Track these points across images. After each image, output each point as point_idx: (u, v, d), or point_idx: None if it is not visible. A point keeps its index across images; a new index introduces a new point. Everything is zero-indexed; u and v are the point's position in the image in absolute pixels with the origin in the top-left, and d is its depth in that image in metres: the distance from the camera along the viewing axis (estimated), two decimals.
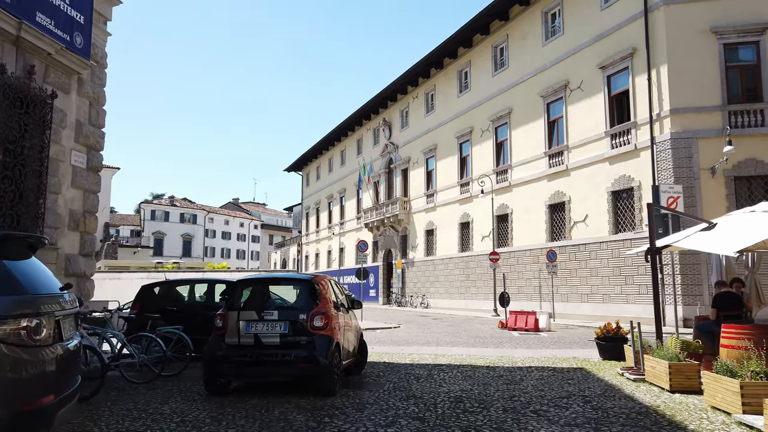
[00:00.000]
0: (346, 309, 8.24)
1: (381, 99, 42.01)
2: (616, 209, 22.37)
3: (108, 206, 56.04)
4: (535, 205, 26.54)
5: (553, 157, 25.79)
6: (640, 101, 21.40)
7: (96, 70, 12.57)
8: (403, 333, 18.16)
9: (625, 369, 8.69)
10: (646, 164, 20.92)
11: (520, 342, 14.87)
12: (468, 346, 13.88)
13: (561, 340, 15.49)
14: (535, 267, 26.26)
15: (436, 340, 15.53)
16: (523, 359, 10.81)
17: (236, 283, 7.45)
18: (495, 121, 29.99)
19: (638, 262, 21.03)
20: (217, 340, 6.92)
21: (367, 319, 25.20)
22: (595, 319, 22.32)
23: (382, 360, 10.58)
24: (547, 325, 18.77)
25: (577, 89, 24.42)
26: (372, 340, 15.27)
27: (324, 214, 56.37)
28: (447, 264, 33.68)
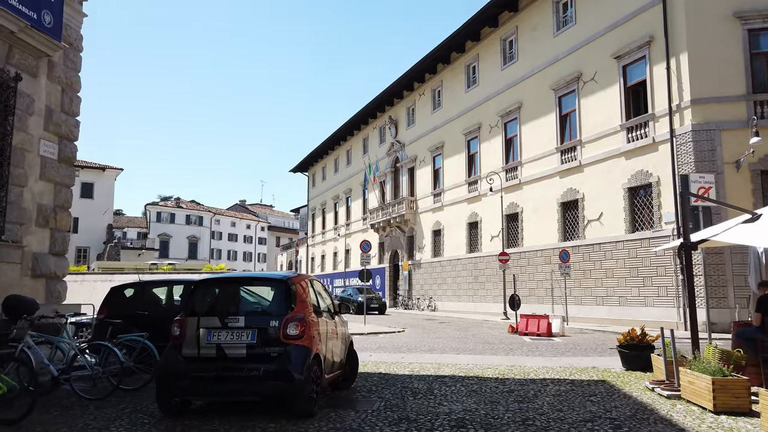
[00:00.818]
0: (331, 314, 7.10)
1: (387, 97, 40.95)
2: (633, 207, 21.14)
3: (111, 208, 55.50)
4: (547, 204, 25.33)
5: (565, 152, 24.58)
6: (659, 92, 20.18)
7: (69, 53, 11.58)
8: (407, 338, 17.04)
9: (656, 383, 7.53)
10: (665, 158, 19.68)
11: (532, 348, 13.71)
12: (475, 353, 12.74)
13: (576, 346, 14.31)
14: (546, 268, 25.05)
15: (441, 346, 14.40)
16: (536, 369, 9.67)
17: (197, 283, 6.33)
18: (504, 117, 28.81)
19: (657, 263, 19.79)
20: (172, 351, 5.83)
21: (371, 323, 24.10)
22: (611, 323, 21.10)
23: (378, 370, 9.46)
24: (561, 330, 17.58)
25: (591, 81, 23.22)
26: (372, 346, 14.17)
27: (330, 215, 55.35)
28: (455, 265, 32.50)
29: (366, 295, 31.13)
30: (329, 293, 7.74)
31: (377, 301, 32.64)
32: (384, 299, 35.44)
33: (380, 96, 40.96)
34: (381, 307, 32.41)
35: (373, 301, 31.74)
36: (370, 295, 32.71)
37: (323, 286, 7.58)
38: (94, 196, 52.72)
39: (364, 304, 28.63)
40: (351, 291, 34.65)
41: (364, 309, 24.30)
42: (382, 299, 34.56)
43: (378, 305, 32.18)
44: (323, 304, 7.00)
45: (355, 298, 32.59)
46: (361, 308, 29.59)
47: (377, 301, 32.78)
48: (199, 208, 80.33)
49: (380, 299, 33.78)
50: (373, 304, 31.60)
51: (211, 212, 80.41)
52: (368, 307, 29.49)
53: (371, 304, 30.95)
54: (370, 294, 33.18)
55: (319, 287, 7.23)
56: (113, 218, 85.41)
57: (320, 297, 6.92)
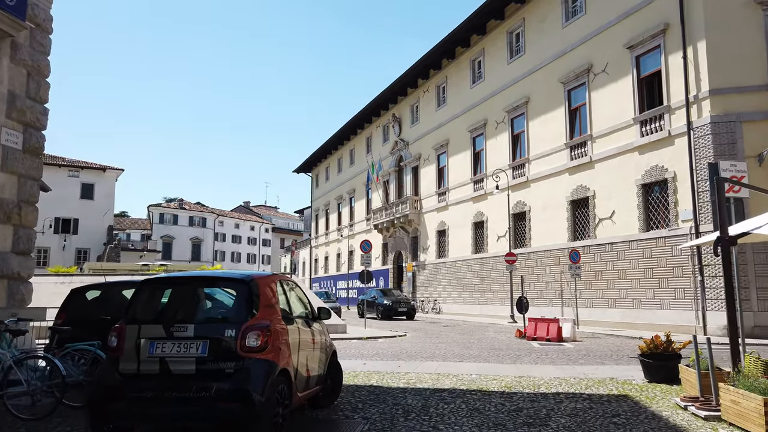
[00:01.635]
0: (307, 321, 6.04)
1: (391, 94, 39.93)
2: (647, 204, 20.02)
3: (112, 209, 54.74)
4: (556, 202, 24.23)
5: (575, 148, 23.49)
6: (675, 83, 19.08)
7: (36, 35, 10.65)
8: (408, 343, 16.00)
9: (689, 400, 6.46)
10: (682, 152, 18.57)
11: (542, 355, 12.64)
12: (480, 360, 11.69)
13: (590, 352, 13.23)
14: (556, 269, 23.94)
15: (443, 352, 13.36)
16: (547, 381, 8.61)
17: (140, 284, 5.31)
18: (511, 112, 27.74)
19: (673, 263, 18.66)
20: (108, 366, 4.83)
21: (372, 327, 23.08)
22: (625, 326, 19.98)
23: (370, 382, 8.43)
24: (572, 334, 16.49)
25: (602, 73, 22.13)
26: (369, 353, 13.15)
27: (333, 215, 54.39)
28: (460, 266, 31.42)
29: (392, 298, 29.37)
30: (305, 295, 6.68)
31: (405, 305, 29.11)
32: (413, 302, 31.59)
33: (384, 93, 39.97)
34: (410, 311, 28.82)
35: (400, 305, 28.86)
36: (397, 297, 30.21)
37: (299, 287, 6.53)
38: (94, 197, 51.96)
39: (389, 308, 27.36)
40: (375, 293, 30.89)
41: (360, 311, 23.32)
42: (411, 302, 30.72)
43: (406, 309, 28.71)
44: (298, 308, 5.98)
45: (380, 301, 29.27)
46: (387, 313, 28.11)
47: (405, 304, 29.22)
48: (203, 210, 79.57)
49: (408, 302, 30.02)
50: (401, 307, 28.68)
51: (215, 214, 79.62)
52: (395, 312, 28.25)
53: (398, 307, 28.55)
54: (397, 296, 30.62)
55: (294, 289, 6.20)
56: (117, 220, 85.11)
57: (294, 300, 5.91)
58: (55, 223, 49.70)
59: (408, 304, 29.39)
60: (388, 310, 28.21)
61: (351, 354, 13.04)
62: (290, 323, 5.22)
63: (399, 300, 29.42)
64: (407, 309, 28.69)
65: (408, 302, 29.78)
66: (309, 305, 6.48)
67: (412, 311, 28.97)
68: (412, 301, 31.22)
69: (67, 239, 49.78)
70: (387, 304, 28.51)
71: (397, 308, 28.29)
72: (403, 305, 28.84)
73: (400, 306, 28.66)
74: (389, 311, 28.20)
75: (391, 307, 28.21)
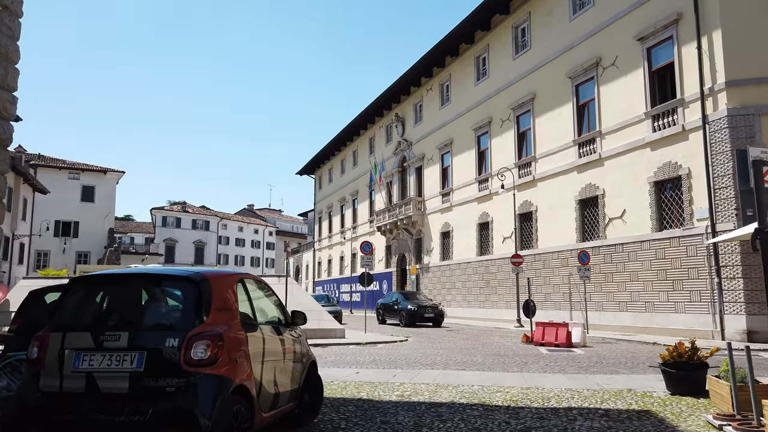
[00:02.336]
0: (277, 328, 5.15)
1: (394, 93, 39.13)
2: (660, 202, 19.10)
3: (113, 211, 54.12)
4: (564, 201, 23.33)
5: (583, 145, 22.59)
6: (688, 75, 18.18)
7: (4, 17, 9.83)
8: (408, 349, 15.14)
9: (724, 418, 5.57)
10: (697, 148, 17.66)
11: (551, 363, 11.75)
12: (484, 368, 10.82)
13: (602, 359, 12.33)
14: (564, 271, 23.02)
15: (444, 359, 12.49)
16: (558, 393, 7.74)
17: (70, 283, 4.45)
18: (516, 109, 26.87)
19: (688, 264, 17.72)
20: (28, 382, 4.00)
21: (373, 331, 22.23)
22: (637, 331, 19.04)
23: (359, 395, 7.56)
24: (582, 340, 15.57)
25: (611, 66, 21.25)
26: (365, 360, 12.29)
27: (336, 218, 53.59)
28: (464, 269, 30.52)
29: (417, 302, 25.96)
30: (276, 297, 5.78)
31: (432, 310, 25.41)
32: (441, 307, 27.33)
33: (387, 93, 39.18)
34: (437, 317, 25.36)
35: (426, 310, 25.22)
36: (423, 301, 26.46)
37: (268, 288, 5.64)
38: (95, 199, 51.35)
39: (414, 313, 24.31)
40: (397, 296, 27.62)
41: (380, 317, 22.12)
42: (439, 306, 26.73)
43: (433, 315, 25.21)
44: (265, 313, 5.13)
45: (402, 306, 25.91)
46: (411, 319, 24.92)
47: (432, 309, 25.47)
48: (206, 213, 79.01)
49: (436, 307, 26.04)
50: (427, 313, 25.12)
51: (218, 217, 79.04)
52: (421, 317, 25.05)
53: (424, 313, 25.09)
54: (422, 300, 26.85)
55: (263, 290, 5.34)
56: (122, 224, 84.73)
57: (260, 303, 5.07)
58: (55, 225, 49.11)
59: (435, 309, 25.71)
60: (413, 315, 24.95)
61: (345, 361, 12.19)
62: (253, 330, 4.36)
63: (424, 305, 25.76)
64: (434, 315, 25.35)
65: (435, 307, 25.96)
66: (281, 309, 5.61)
67: (440, 317, 25.62)
68: (440, 305, 27.56)
69: (68, 242, 49.18)
70: (411, 310, 25.17)
71: (422, 314, 24.98)
72: (429, 310, 25.29)
73: (426, 311, 25.18)
74: (413, 317, 24.91)
75: (415, 312, 24.92)
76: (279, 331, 5.05)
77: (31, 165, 48.01)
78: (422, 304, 25.82)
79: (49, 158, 51.36)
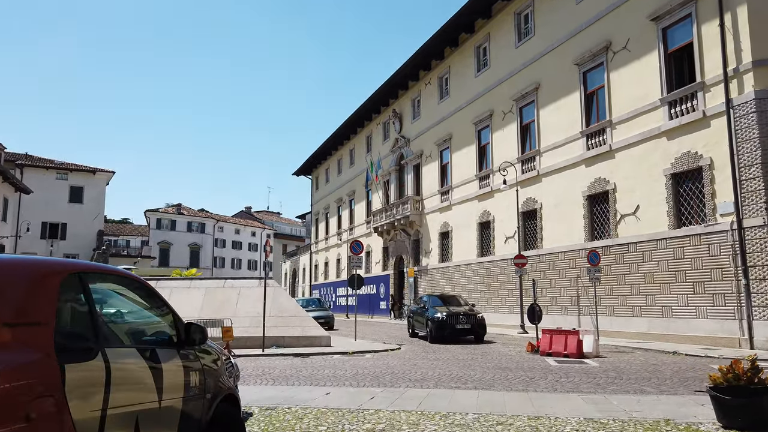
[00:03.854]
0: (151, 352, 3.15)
1: (391, 88, 37.41)
2: (678, 197, 17.37)
3: (102, 213, 52.51)
4: (571, 197, 21.61)
5: (592, 137, 20.89)
6: (709, 56, 16.49)
7: None
8: (398, 360, 13.45)
9: None
10: (720, 135, 15.95)
11: (561, 378, 10.04)
12: (482, 386, 9.13)
13: (621, 373, 10.60)
14: (571, 273, 21.29)
15: (437, 374, 10.79)
16: (576, 426, 6.02)
17: None
18: (519, 100, 25.18)
19: (711, 264, 15.98)
20: None
21: (366, 338, 20.58)
22: (653, 338, 17.29)
23: (317, 430, 5.84)
24: (594, 349, 13.84)
25: (623, 50, 19.56)
26: (344, 375, 10.58)
27: (333, 219, 51.91)
28: (464, 271, 28.79)
29: (448, 308, 19.26)
30: (165, 306, 3.75)
31: (468, 318, 18.71)
32: (480, 314, 19.65)
33: (384, 87, 37.45)
34: (476, 327, 18.76)
35: (459, 319, 18.58)
36: (455, 308, 19.41)
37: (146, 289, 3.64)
38: (83, 200, 49.78)
39: (443, 323, 18.24)
40: (426, 299, 21.19)
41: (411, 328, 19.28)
42: (479, 315, 19.38)
43: (470, 324, 18.65)
44: (131, 327, 3.36)
45: (430, 314, 19.24)
46: (440, 330, 18.55)
47: (468, 317, 18.76)
48: (202, 215, 77.36)
49: (475, 315, 19.13)
50: (461, 323, 18.52)
51: (214, 219, 77.39)
52: (452, 329, 18.56)
53: (457, 323, 18.50)
54: (455, 305, 19.89)
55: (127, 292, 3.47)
56: (118, 227, 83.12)
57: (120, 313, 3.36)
58: (42, 227, 47.53)
59: (472, 316, 18.88)
60: (441, 326, 18.48)
61: (321, 376, 10.49)
62: (84, 358, 2.63)
63: (457, 311, 18.99)
64: (471, 325, 18.57)
65: (472, 314, 19.07)
66: (172, 323, 3.70)
67: (480, 328, 18.76)
68: (479, 313, 19.74)
69: (55, 245, 47.53)
70: (438, 318, 18.62)
71: (454, 324, 18.37)
72: (463, 319, 18.55)
73: (459, 320, 18.50)
74: (442, 328, 18.49)
75: (444, 321, 18.40)
76: (155, 356, 3.22)
77: (17, 165, 46.48)
78: (454, 310, 19.02)
79: (36, 158, 49.83)
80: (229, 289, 18.11)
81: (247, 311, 17.27)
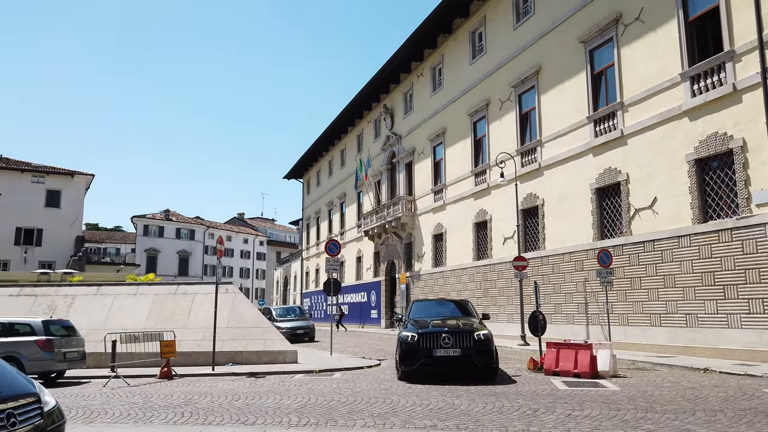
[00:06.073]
0: None
1: (382, 80, 35.01)
2: (704, 186, 14.92)
3: (81, 218, 49.95)
4: (577, 191, 19.17)
5: (600, 122, 18.47)
6: (739, 19, 14.10)
7: None
8: (369, 382, 10.98)
9: None
10: (755, 112, 13.52)
11: (575, 409, 7.55)
12: (468, 424, 6.65)
13: (652, 402, 8.09)
14: (578, 276, 18.81)
15: (411, 401, 8.34)
16: None
17: None
18: (518, 87, 22.78)
19: (745, 263, 13.50)
20: None
21: (346, 351, 18.12)
22: (677, 351, 14.73)
23: None
24: (611, 367, 11.30)
25: (635, 22, 17.17)
26: (289, 407, 8.09)
27: (324, 224, 49.44)
28: (459, 276, 26.26)
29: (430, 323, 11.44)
30: None
31: (458, 339, 10.86)
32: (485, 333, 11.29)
33: (375, 80, 35.04)
34: (475, 354, 10.76)
35: (442, 341, 10.81)
36: (443, 321, 11.78)
37: None
38: (61, 205, 47.22)
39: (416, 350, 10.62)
40: (415, 307, 13.53)
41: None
42: (479, 333, 11.03)
43: (461, 349, 10.77)
44: None
45: (400, 335, 11.53)
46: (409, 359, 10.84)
47: (457, 338, 10.87)
48: (191, 221, 74.84)
49: (472, 332, 11.03)
50: (444, 346, 10.76)
51: (204, 225, 74.87)
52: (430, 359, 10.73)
53: (436, 347, 10.77)
54: (449, 318, 12.22)
55: None
56: (108, 234, 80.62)
57: None
58: (16, 233, 45.01)
59: (464, 336, 10.96)
60: (409, 354, 10.97)
61: (257, 408, 8.00)
62: None
63: (434, 331, 11.03)
64: (462, 350, 10.79)
65: (465, 332, 11.05)
66: None
67: (482, 356, 10.82)
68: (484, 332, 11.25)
69: (29, 251, 45.03)
70: (407, 341, 11.13)
71: (431, 349, 10.79)
72: (446, 340, 10.83)
73: (439, 344, 10.83)
74: (411, 356, 10.94)
75: (413, 347, 10.93)
76: None
77: None
78: (432, 328, 11.11)
79: (12, 161, 47.38)
80: (181, 296, 15.60)
81: (202, 322, 14.77)
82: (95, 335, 13.87)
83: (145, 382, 11.47)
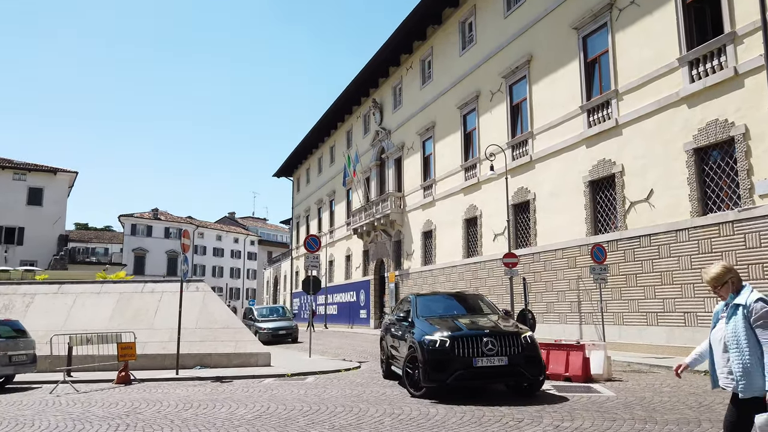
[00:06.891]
0: None
1: (371, 74, 34.01)
2: (703, 176, 14.06)
3: (64, 216, 48.84)
4: (569, 185, 18.30)
5: (594, 111, 17.60)
6: (740, 0, 13.22)
7: None
8: (341, 387, 10.05)
9: None
10: (757, 96, 12.67)
11: (564, 420, 6.68)
12: None
13: (652, 410, 7.22)
14: (571, 273, 17.92)
15: (381, 410, 7.45)
16: None
17: None
18: (509, 77, 21.90)
19: (748, 258, 12.64)
20: None
21: (327, 353, 17.19)
22: (673, 351, 13.88)
23: None
24: (605, 370, 10.42)
25: (630, 6, 16.32)
26: (244, 416, 7.18)
27: (314, 222, 48.48)
28: (449, 274, 25.37)
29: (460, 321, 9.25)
30: None
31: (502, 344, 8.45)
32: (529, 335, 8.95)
33: (363, 73, 34.03)
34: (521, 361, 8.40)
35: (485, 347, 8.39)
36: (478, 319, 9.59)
37: None
38: (43, 203, 46.13)
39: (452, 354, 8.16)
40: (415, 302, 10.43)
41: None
42: (524, 335, 8.70)
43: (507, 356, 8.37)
44: None
45: (417, 336, 8.95)
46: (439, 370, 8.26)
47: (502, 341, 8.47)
48: (180, 220, 73.70)
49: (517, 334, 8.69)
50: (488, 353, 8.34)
51: (194, 225, 73.73)
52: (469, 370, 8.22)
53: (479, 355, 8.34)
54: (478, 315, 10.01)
55: None
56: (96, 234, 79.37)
57: None
58: None
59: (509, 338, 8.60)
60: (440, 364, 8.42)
61: (207, 418, 7.06)
62: None
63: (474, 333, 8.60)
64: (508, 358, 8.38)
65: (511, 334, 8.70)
66: None
67: (530, 364, 8.48)
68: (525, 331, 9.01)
69: (10, 250, 43.92)
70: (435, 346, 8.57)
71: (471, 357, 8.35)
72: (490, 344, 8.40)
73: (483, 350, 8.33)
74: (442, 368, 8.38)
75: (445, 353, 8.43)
76: None
77: None
78: (472, 326, 8.95)
79: None
80: (148, 294, 14.62)
81: (169, 322, 13.79)
82: (54, 337, 12.88)
83: (98, 388, 10.52)
